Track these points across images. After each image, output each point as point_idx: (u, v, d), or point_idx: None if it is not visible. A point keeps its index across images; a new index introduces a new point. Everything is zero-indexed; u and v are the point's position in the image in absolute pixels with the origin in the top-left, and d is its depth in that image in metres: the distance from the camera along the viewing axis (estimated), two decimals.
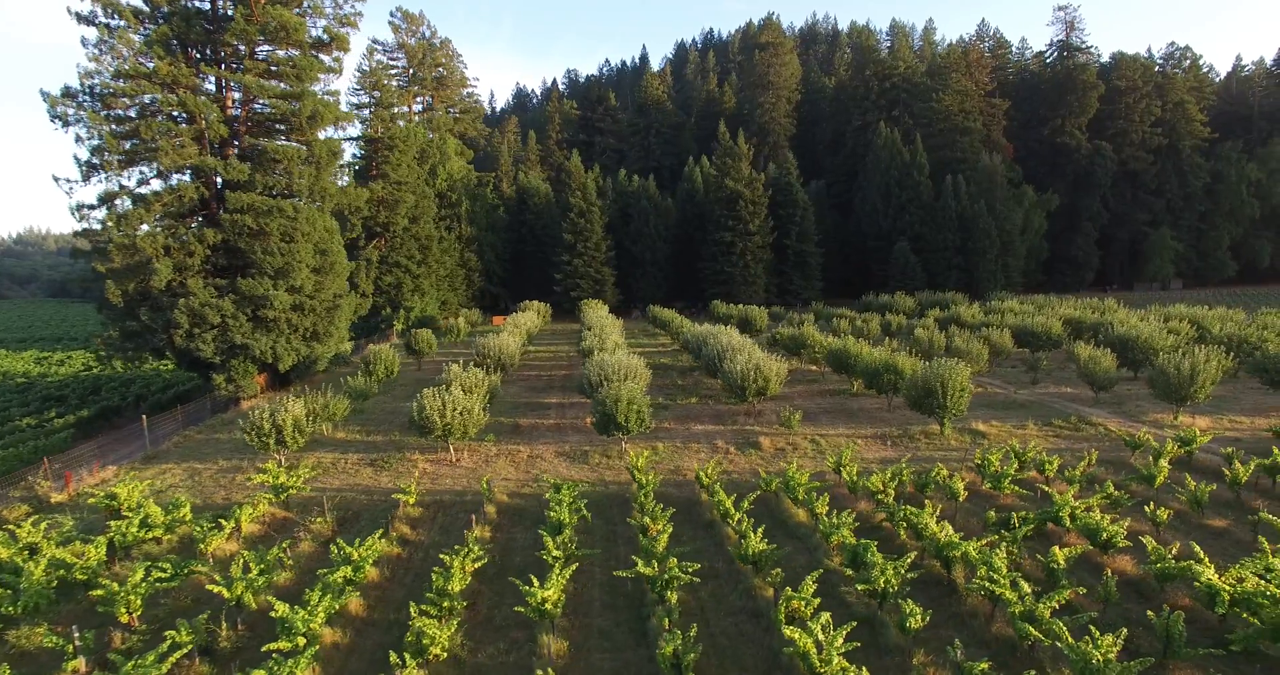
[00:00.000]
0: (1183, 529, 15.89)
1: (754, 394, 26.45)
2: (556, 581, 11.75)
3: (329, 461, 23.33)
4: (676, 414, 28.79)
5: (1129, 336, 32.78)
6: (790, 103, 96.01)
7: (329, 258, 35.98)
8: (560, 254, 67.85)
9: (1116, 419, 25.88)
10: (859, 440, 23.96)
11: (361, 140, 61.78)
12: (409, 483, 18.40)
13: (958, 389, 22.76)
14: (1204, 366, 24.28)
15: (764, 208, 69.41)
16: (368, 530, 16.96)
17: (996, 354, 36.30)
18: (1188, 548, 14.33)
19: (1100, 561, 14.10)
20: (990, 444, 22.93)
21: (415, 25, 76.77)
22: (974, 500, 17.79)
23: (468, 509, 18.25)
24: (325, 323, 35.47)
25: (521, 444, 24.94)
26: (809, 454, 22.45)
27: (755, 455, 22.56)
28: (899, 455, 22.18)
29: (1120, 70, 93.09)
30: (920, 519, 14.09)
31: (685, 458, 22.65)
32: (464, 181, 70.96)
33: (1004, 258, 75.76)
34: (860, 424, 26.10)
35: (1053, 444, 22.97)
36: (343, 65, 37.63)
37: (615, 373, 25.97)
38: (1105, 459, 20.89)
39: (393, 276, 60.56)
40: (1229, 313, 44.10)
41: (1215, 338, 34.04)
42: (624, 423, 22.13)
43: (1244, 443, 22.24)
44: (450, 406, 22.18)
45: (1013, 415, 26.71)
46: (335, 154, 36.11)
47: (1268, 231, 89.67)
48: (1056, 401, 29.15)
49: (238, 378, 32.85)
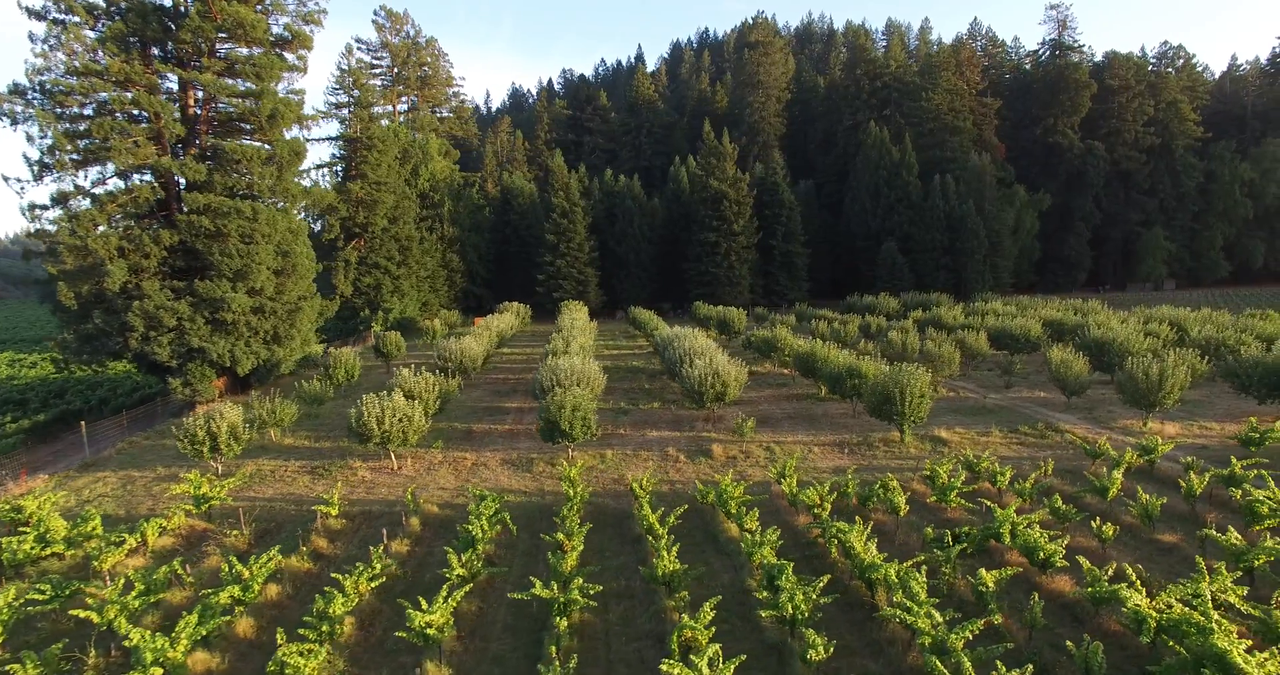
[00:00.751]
0: (1132, 545, 15.16)
1: (712, 399, 25.72)
2: (444, 605, 11.04)
3: (268, 469, 22.64)
4: (636, 419, 28.09)
5: (1104, 339, 32.01)
6: (780, 102, 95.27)
7: (291, 259, 35.31)
8: (543, 255, 67.16)
9: (1085, 425, 25.13)
10: (816, 448, 23.24)
11: (341, 140, 61.13)
12: (332, 493, 17.68)
13: (916, 395, 22.01)
14: (1173, 371, 23.53)
15: (749, 208, 68.65)
16: (288, 543, 16.29)
17: (971, 357, 35.56)
18: (1131, 566, 13.62)
19: (1039, 581, 13.38)
20: (951, 452, 22.22)
21: (399, 24, 76.14)
22: (920, 513, 17.06)
23: (396, 520, 17.58)
24: (286, 325, 34.81)
25: (470, 451, 24.24)
26: (760, 462, 21.73)
27: (705, 464, 21.85)
28: (854, 464, 21.48)
29: (1113, 69, 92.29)
30: (848, 536, 13.38)
31: (633, 466, 21.94)
32: (447, 182, 70.29)
33: (993, 258, 74.96)
34: (821, 430, 25.37)
35: (1015, 452, 22.25)
36: (307, 64, 37.04)
37: (568, 377, 25.28)
38: (1065, 468, 20.15)
39: (372, 277, 59.91)
40: (1213, 314, 43.33)
41: (1193, 341, 33.30)
42: (568, 430, 21.43)
43: (1210, 450, 21.52)
44: (390, 413, 21.50)
45: (980, 421, 25.96)
46: (299, 154, 35.44)
47: (1261, 231, 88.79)
48: (1027, 407, 28.39)
49: (194, 381, 32.20)
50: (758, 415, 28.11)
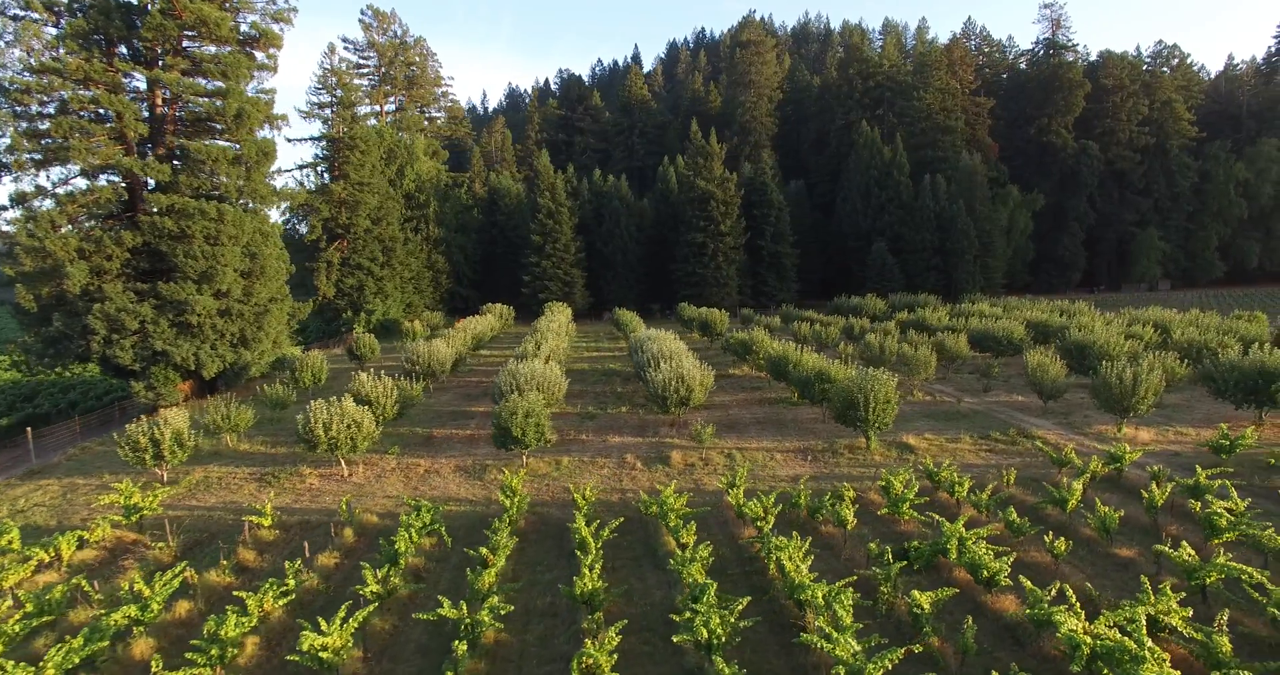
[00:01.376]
0: (1088, 559, 14.53)
1: (676, 404, 25.11)
2: (341, 627, 10.44)
3: (216, 477, 22.06)
4: (601, 424, 27.49)
5: (1084, 342, 31.38)
6: (772, 102, 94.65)
7: (260, 261, 34.74)
8: (529, 256, 66.57)
9: (1060, 431, 24.49)
10: (779, 454, 22.62)
11: (324, 140, 60.60)
12: (265, 503, 17.09)
13: (881, 401, 21.38)
14: (1146, 376, 22.88)
15: (736, 208, 68.02)
16: (213, 556, 15.72)
17: (951, 360, 34.92)
18: (1079, 585, 13.00)
19: (984, 601, 12.75)
20: (917, 459, 21.59)
21: (386, 23, 75.61)
22: (873, 526, 16.44)
23: (331, 531, 16.99)
24: (254, 328, 34.25)
25: (426, 457, 23.65)
26: (719, 470, 21.11)
27: (661, 471, 21.23)
28: (815, 472, 20.87)
29: (1107, 69, 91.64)
30: (785, 552, 12.77)
31: (587, 474, 21.34)
32: (433, 182, 69.73)
33: (984, 258, 74.28)
34: (788, 436, 24.74)
35: (984, 459, 21.61)
36: (277, 62, 36.47)
37: (527, 382, 24.69)
38: (1032, 477, 19.52)
39: (354, 279, 59.33)
40: (1201, 316, 42.68)
41: (1175, 343, 32.64)
42: (520, 437, 20.85)
43: (1183, 457, 20.88)
44: (338, 419, 20.91)
45: (953, 426, 25.33)
46: (268, 154, 34.87)
47: (1256, 232, 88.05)
48: (1003, 411, 27.75)
49: (158, 385, 31.65)
50: (727, 420, 27.54)
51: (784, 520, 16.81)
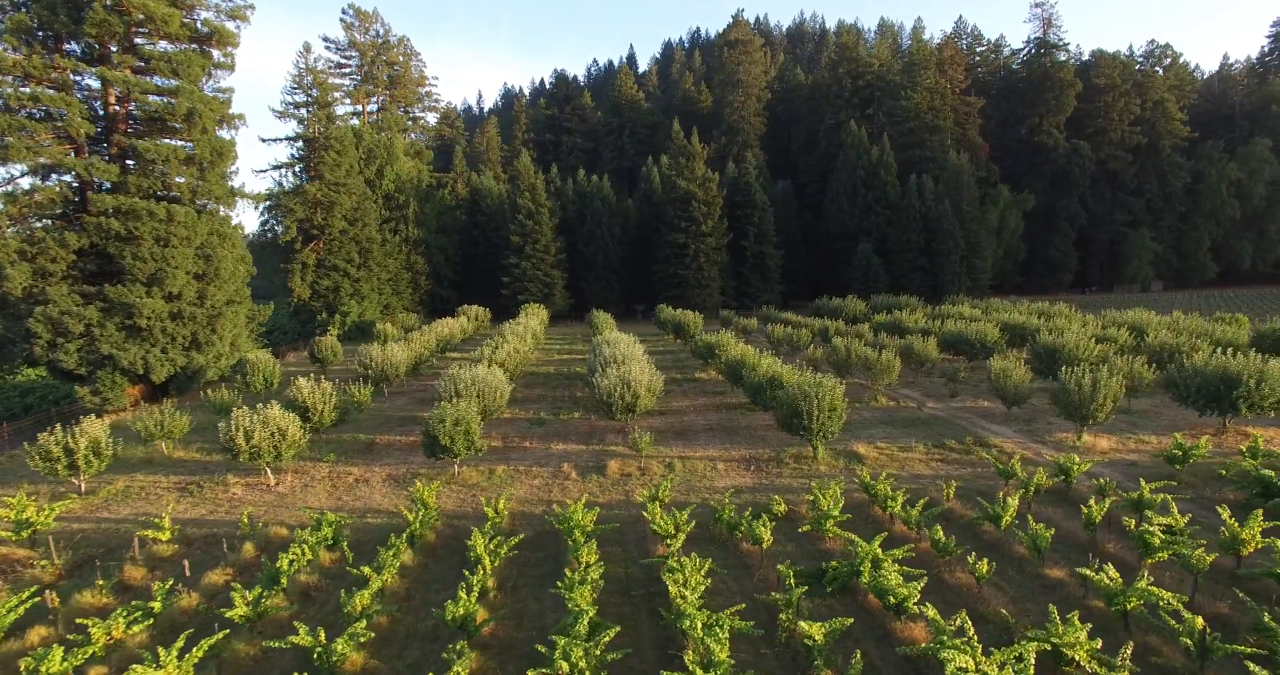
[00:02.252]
0: (1016, 581, 13.69)
1: (621, 411, 24.30)
2: (180, 659, 9.65)
3: (138, 486, 21.31)
4: (550, 430, 26.70)
5: (1054, 346, 30.52)
6: (761, 101, 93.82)
7: (214, 263, 33.99)
8: (508, 257, 65.82)
9: (1019, 439, 23.65)
10: (723, 464, 21.81)
11: (301, 140, 59.86)
12: (163, 517, 16.32)
13: (826, 409, 20.56)
14: (1106, 382, 22.03)
15: (719, 208, 67.17)
16: (100, 573, 14.94)
17: (920, 364, 34.06)
18: (996, 610, 12.18)
19: (893, 628, 11.93)
20: (865, 469, 20.76)
21: (368, 23, 74.94)
22: (798, 543, 15.62)
23: (235, 546, 16.21)
24: (208, 331, 33.51)
25: (360, 465, 22.87)
26: (655, 480, 20.27)
27: (595, 482, 20.43)
28: (757, 482, 20.06)
29: (1099, 68, 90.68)
30: (678, 574, 11.96)
31: (518, 483, 20.54)
32: (414, 182, 69.01)
33: (971, 259, 73.34)
34: (737, 444, 23.92)
35: (934, 469, 20.78)
36: (234, 61, 35.74)
37: (467, 388, 23.91)
38: (978, 489, 18.68)
39: (330, 280, 58.61)
40: (1182, 318, 41.80)
41: (1148, 346, 31.78)
42: (449, 445, 20.08)
43: (1139, 467, 20.04)
44: (260, 427, 20.15)
45: (909, 434, 24.49)
46: (223, 154, 34.13)
47: (1249, 232, 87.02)
48: (966, 417, 26.91)
49: (104, 390, 30.91)
50: (680, 426, 26.76)
51: (704, 536, 16.00)
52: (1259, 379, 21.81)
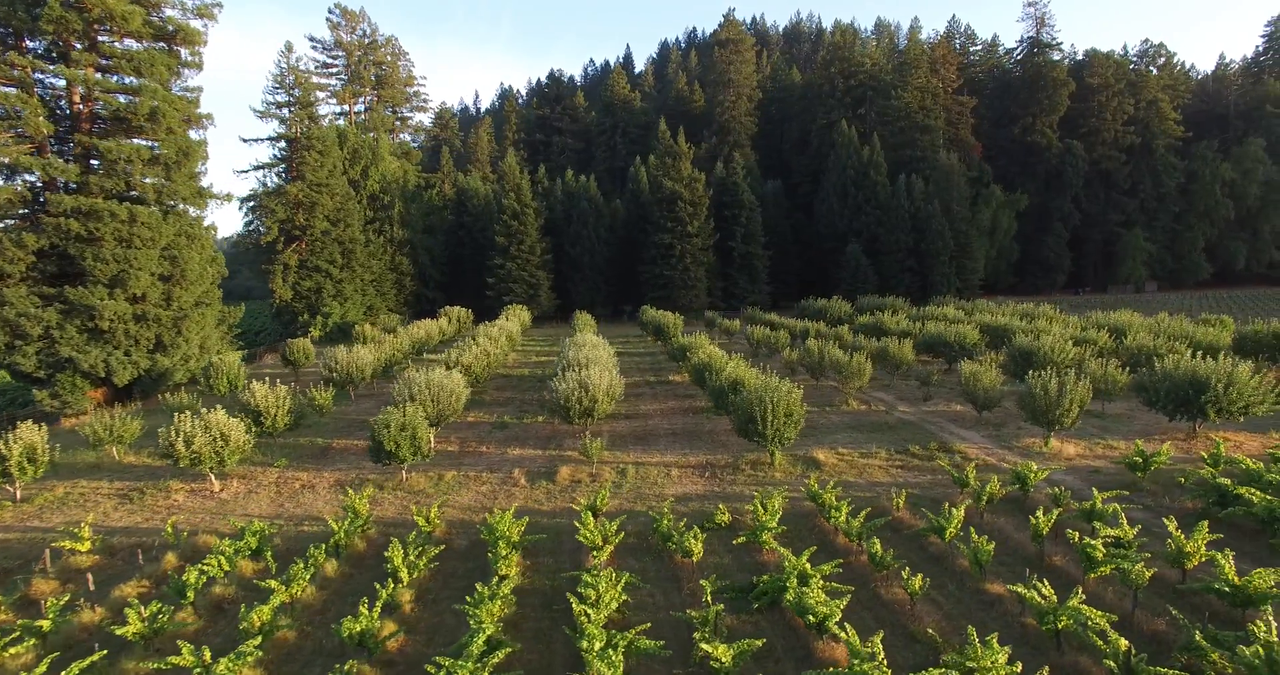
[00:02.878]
0: (955, 596, 13.16)
1: (579, 416, 23.80)
2: None
3: (78, 493, 20.84)
4: (511, 434, 26.23)
5: (1029, 348, 29.99)
6: (752, 101, 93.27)
7: (180, 265, 33.54)
8: (493, 257, 65.35)
9: (985, 444, 23.11)
10: (677, 470, 21.30)
11: (283, 140, 59.47)
12: (83, 526, 15.85)
13: (781, 415, 20.03)
14: (1073, 387, 21.49)
15: (705, 209, 66.66)
16: (9, 588, 14.47)
17: (896, 366, 33.50)
18: (923, 630, 11.66)
19: (815, 648, 11.41)
20: (823, 476, 20.24)
21: (354, 22, 74.52)
22: (736, 555, 15.09)
23: (159, 557, 15.73)
24: (172, 333, 33.06)
25: (311, 470, 22.40)
26: (605, 487, 19.76)
27: (543, 488, 19.93)
28: (709, 490, 19.55)
29: (1093, 68, 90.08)
30: (594, 589, 11.45)
31: (465, 490, 20.05)
32: (399, 183, 68.58)
33: (961, 259, 72.73)
34: (697, 450, 23.41)
35: (892, 477, 20.24)
36: (202, 60, 35.31)
37: (422, 392, 23.43)
38: (934, 498, 18.15)
39: (312, 281, 58.22)
40: (1167, 319, 41.22)
41: (1125, 349, 31.23)
42: (394, 451, 19.60)
43: (1103, 474, 19.50)
44: (201, 431, 19.68)
45: (875, 439, 23.97)
46: (189, 154, 33.70)
47: (1243, 233, 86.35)
48: (936, 421, 26.37)
49: (64, 393, 30.48)
50: (643, 431, 26.27)
51: (642, 547, 15.50)
52: (1227, 383, 21.29)
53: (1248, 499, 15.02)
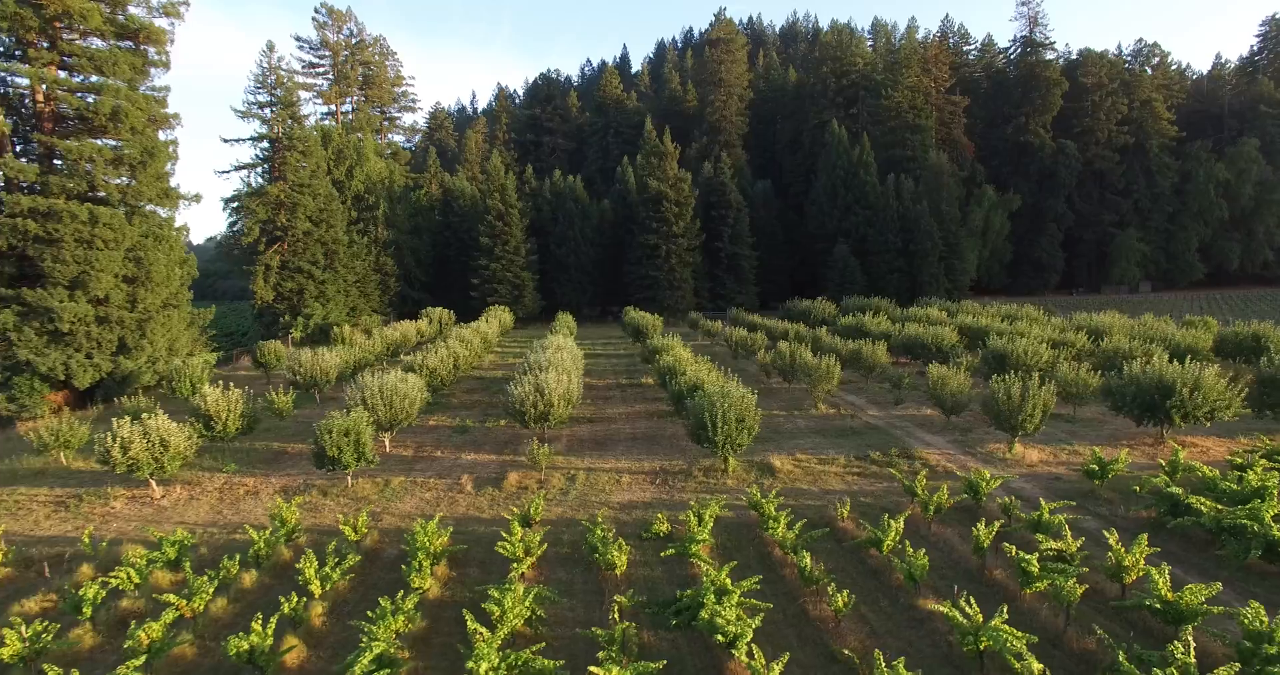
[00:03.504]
0: (887, 613, 12.65)
1: (534, 420, 23.32)
2: None
3: (13, 501, 20.37)
4: (471, 439, 25.77)
5: (1003, 351, 29.48)
6: (743, 100, 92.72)
7: (146, 266, 33.11)
8: (478, 258, 64.91)
9: (949, 450, 22.59)
10: (629, 476, 20.81)
11: (266, 140, 59.01)
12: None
13: (733, 421, 19.53)
14: (1036, 392, 20.98)
15: (691, 209, 66.14)
16: None
17: (870, 369, 32.98)
18: (839, 651, 11.16)
19: (727, 670, 10.92)
20: (777, 483, 19.76)
21: (341, 21, 74.14)
22: (665, 567, 14.58)
23: (73, 569, 15.26)
24: (136, 336, 32.64)
25: (259, 476, 21.95)
26: (551, 495, 19.31)
27: (488, 495, 19.45)
28: (657, 497, 19.07)
29: (1086, 67, 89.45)
30: (499, 605, 10.97)
31: (409, 497, 19.57)
32: (384, 183, 68.12)
33: (950, 260, 72.11)
34: (654, 455, 22.92)
35: (848, 484, 19.74)
36: (169, 59, 34.90)
37: (373, 396, 22.97)
38: (885, 507, 17.65)
39: (294, 282, 57.71)
40: (1152, 321, 40.66)
41: (1102, 352, 30.69)
42: (337, 457, 19.15)
43: (1063, 482, 19.00)
44: (139, 438, 19.24)
45: (837, 444, 23.48)
46: (154, 154, 33.27)
47: (1237, 233, 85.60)
48: (904, 426, 25.86)
49: (21, 397, 30.06)
50: (604, 435, 25.82)
51: (572, 559, 15.02)
52: (1193, 388, 20.77)
53: (1196, 509, 14.50)
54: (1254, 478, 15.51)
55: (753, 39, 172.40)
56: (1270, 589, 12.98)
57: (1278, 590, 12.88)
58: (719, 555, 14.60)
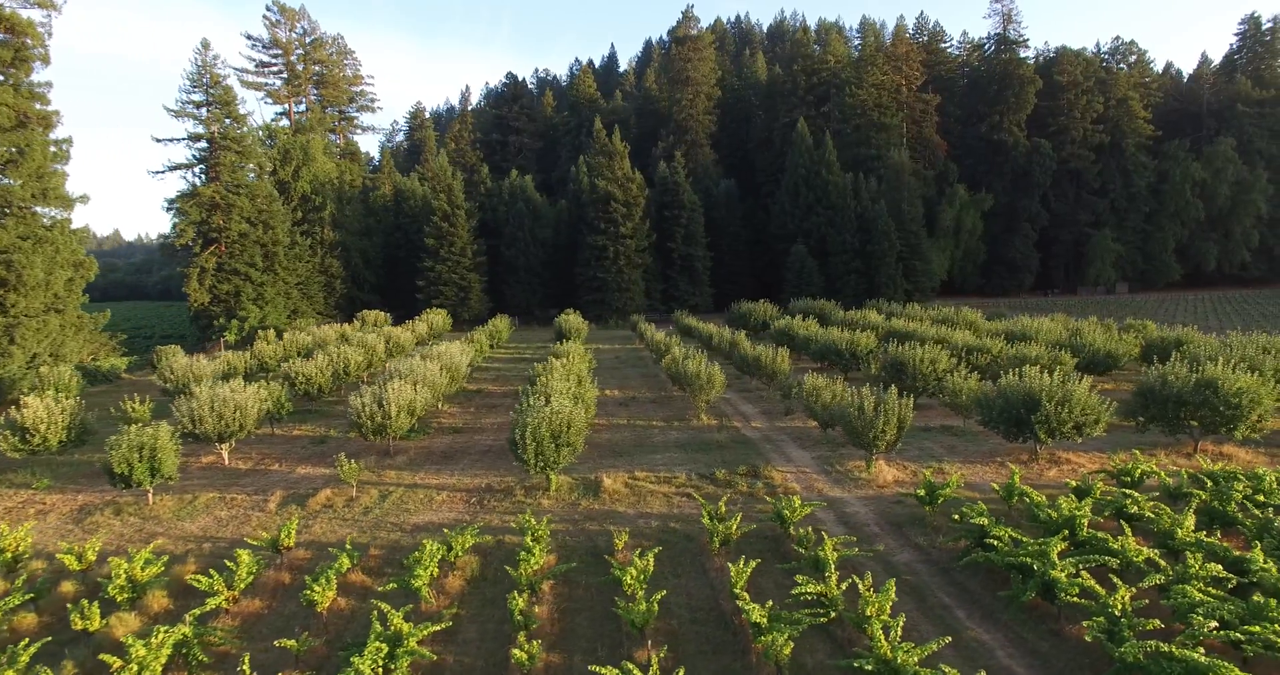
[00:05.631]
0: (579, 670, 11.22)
1: (372, 432, 22.01)
2: None
3: None
4: (322, 451, 24.43)
5: (901, 358, 27.94)
6: (710, 99, 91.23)
7: (17, 270, 31.97)
8: (424, 260, 63.70)
9: (809, 467, 21.11)
10: (447, 493, 19.44)
11: (203, 140, 57.98)
12: None
13: (546, 438, 18.11)
14: (891, 406, 19.48)
15: (641, 209, 64.73)
16: None
17: (770, 376, 31.48)
18: None
19: None
20: (598, 505, 18.35)
21: (293, 20, 73.13)
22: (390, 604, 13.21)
23: None
24: (4, 341, 31.50)
25: (68, 492, 20.66)
26: (350, 515, 17.94)
27: (289, 513, 18.05)
28: (460, 518, 17.65)
29: (1061, 65, 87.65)
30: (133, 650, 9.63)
31: (202, 517, 18.20)
32: (332, 183, 67.07)
33: (911, 261, 70.39)
34: (493, 470, 21.53)
35: (674, 508, 18.25)
36: (48, 53, 33.69)
37: (200, 406, 21.69)
38: (691, 534, 16.22)
39: (230, 284, 56.73)
40: (1093, 325, 39.07)
41: (1009, 359, 29.10)
42: (127, 474, 17.87)
43: (905, 505, 17.51)
44: None
45: (692, 459, 22.04)
46: (26, 153, 32.11)
47: (1214, 233, 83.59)
48: (780, 439, 24.41)
49: None
50: (458, 448, 24.47)
51: (289, 590, 13.64)
52: (1060, 401, 19.25)
53: (991, 543, 13.03)
54: (1068, 506, 14.05)
55: (739, 38, 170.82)
56: (1042, 633, 11.52)
57: (1048, 635, 11.42)
58: (444, 594, 13.21)
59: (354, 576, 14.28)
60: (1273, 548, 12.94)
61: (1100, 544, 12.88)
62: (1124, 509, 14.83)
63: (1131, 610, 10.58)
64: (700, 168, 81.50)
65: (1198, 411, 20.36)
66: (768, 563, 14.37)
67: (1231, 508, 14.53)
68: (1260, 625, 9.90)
